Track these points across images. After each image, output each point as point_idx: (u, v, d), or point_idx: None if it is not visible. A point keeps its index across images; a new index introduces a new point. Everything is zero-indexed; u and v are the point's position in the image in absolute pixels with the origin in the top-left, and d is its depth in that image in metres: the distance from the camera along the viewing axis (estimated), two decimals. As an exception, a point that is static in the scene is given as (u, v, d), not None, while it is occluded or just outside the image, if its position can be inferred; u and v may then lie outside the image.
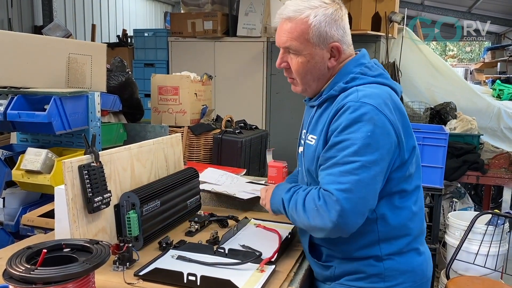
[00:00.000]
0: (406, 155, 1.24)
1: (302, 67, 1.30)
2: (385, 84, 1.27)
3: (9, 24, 5.77)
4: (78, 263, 1.04)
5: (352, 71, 1.29)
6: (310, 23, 1.25)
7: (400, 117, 1.23)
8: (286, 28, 1.28)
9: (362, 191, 1.15)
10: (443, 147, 2.85)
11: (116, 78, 2.92)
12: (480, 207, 4.30)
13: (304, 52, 1.27)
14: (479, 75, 10.23)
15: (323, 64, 1.30)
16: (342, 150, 1.17)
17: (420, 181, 1.35)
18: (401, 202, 1.28)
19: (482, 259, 2.60)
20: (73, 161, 1.32)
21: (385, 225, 1.26)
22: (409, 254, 1.31)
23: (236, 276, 1.26)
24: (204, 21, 4.87)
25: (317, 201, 1.19)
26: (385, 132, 1.17)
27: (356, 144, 1.15)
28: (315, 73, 1.31)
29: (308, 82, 1.33)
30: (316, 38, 1.26)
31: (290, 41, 1.28)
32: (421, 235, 1.36)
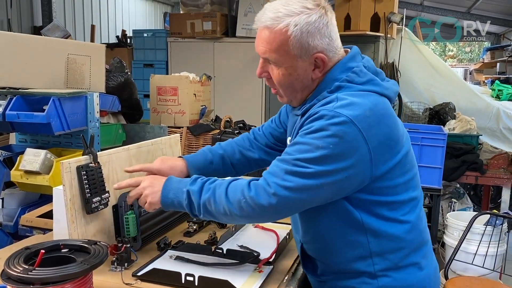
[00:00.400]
0: (384, 168, 1.13)
1: (283, 79, 1.19)
2: (373, 91, 1.16)
3: (8, 24, 5.77)
4: (76, 264, 1.04)
5: (338, 78, 1.17)
6: (289, 34, 1.12)
7: (386, 128, 1.13)
8: (264, 37, 1.16)
9: (304, 194, 1.10)
10: (442, 148, 2.86)
11: (115, 79, 2.92)
12: (479, 207, 4.30)
13: (285, 64, 1.17)
14: (478, 75, 10.24)
15: (307, 76, 1.18)
16: (299, 152, 1.10)
17: (416, 192, 1.23)
18: (392, 214, 1.18)
19: (481, 259, 2.60)
20: (71, 161, 1.32)
21: (376, 237, 1.17)
22: (408, 269, 1.20)
23: (234, 277, 1.26)
24: (203, 22, 4.87)
25: (246, 192, 1.13)
26: (353, 147, 1.07)
27: (314, 152, 1.07)
28: (298, 86, 1.20)
29: (292, 94, 1.23)
30: (297, 50, 1.14)
31: (269, 53, 1.17)
32: (421, 247, 1.24)
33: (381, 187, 1.15)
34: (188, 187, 1.22)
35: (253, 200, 1.12)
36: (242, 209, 1.14)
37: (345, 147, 1.07)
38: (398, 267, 1.20)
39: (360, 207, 1.16)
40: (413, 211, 1.21)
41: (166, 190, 1.25)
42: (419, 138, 2.87)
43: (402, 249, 1.19)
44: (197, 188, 1.20)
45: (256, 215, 1.14)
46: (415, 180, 1.23)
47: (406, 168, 1.19)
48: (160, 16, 9.70)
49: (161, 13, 9.59)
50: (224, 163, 1.50)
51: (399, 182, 1.17)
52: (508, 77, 8.14)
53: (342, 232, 1.19)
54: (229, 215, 1.16)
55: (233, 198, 1.15)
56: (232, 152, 1.52)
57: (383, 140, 1.11)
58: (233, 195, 1.15)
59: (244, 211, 1.13)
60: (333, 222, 1.19)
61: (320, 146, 1.07)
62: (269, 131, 1.54)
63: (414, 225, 1.21)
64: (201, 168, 1.46)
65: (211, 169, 1.48)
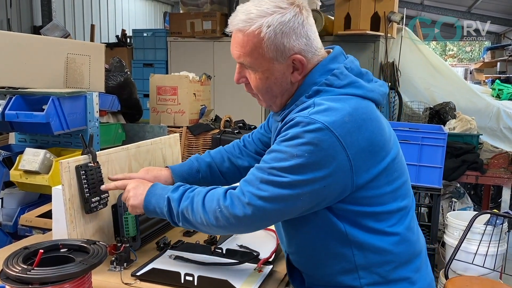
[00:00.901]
0: (367, 176, 1.06)
1: (261, 84, 1.14)
2: (355, 94, 1.09)
3: (8, 24, 5.77)
4: (75, 263, 1.04)
5: (317, 81, 1.11)
6: (263, 36, 1.07)
7: (368, 133, 1.06)
8: (237, 41, 1.11)
9: (280, 204, 1.05)
10: (442, 147, 2.85)
11: (114, 78, 2.91)
12: (479, 207, 4.30)
13: (261, 68, 1.11)
14: (478, 75, 10.24)
15: (285, 79, 1.13)
16: (274, 160, 1.05)
17: (406, 201, 1.16)
18: (378, 225, 1.10)
19: (481, 259, 2.60)
20: (70, 161, 1.32)
21: (361, 250, 1.11)
22: (398, 284, 1.13)
23: (233, 276, 1.26)
24: (203, 21, 4.87)
25: (222, 202, 1.09)
26: (330, 154, 1.01)
27: (289, 161, 1.02)
28: (276, 90, 1.14)
29: (271, 99, 1.17)
30: (273, 53, 1.08)
31: (243, 57, 1.11)
32: (413, 260, 1.16)
33: (365, 197, 1.08)
34: (169, 194, 1.18)
35: (228, 210, 1.08)
36: (218, 219, 1.09)
37: (322, 155, 1.01)
38: (386, 281, 1.12)
39: (344, 218, 1.10)
40: (401, 222, 1.14)
41: (149, 196, 1.22)
42: (419, 137, 2.86)
43: (390, 263, 1.12)
44: (178, 196, 1.17)
45: (232, 225, 1.09)
46: (404, 188, 1.16)
47: (394, 175, 1.12)
48: (160, 15, 9.70)
49: (161, 13, 9.59)
50: (212, 172, 1.47)
51: (385, 191, 1.10)
52: (508, 77, 8.13)
53: (326, 244, 1.13)
54: (205, 225, 1.12)
55: (209, 207, 1.11)
56: (221, 160, 1.49)
57: (365, 146, 1.05)
58: (210, 205, 1.11)
59: (220, 221, 1.09)
60: (316, 233, 1.13)
61: (295, 154, 1.02)
62: (258, 137, 1.50)
63: (403, 237, 1.13)
64: (186, 177, 1.44)
65: (198, 178, 1.45)
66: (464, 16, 10.93)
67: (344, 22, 4.30)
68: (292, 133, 1.04)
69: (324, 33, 4.34)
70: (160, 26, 9.47)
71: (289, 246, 1.24)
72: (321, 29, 4.21)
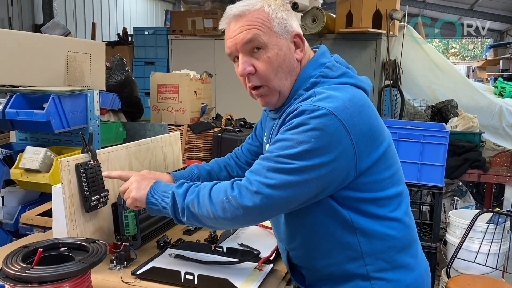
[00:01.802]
0: (369, 161, 1.11)
1: (272, 62, 1.15)
2: (349, 83, 1.15)
3: (9, 22, 5.77)
4: (74, 262, 1.03)
5: (312, 74, 1.16)
6: (267, 11, 1.14)
7: (367, 119, 1.10)
8: (240, 24, 1.14)
9: (288, 190, 1.06)
10: (444, 145, 2.84)
11: (115, 77, 2.91)
12: (481, 205, 4.28)
13: (271, 43, 1.14)
14: (481, 72, 10.20)
15: (292, 56, 1.17)
16: (281, 149, 1.07)
17: (401, 187, 1.21)
18: (380, 211, 1.15)
19: (483, 257, 2.59)
20: (70, 159, 1.31)
21: (366, 237, 1.14)
22: (401, 270, 1.17)
23: (234, 275, 1.25)
24: (204, 19, 4.86)
25: (229, 192, 1.09)
26: (335, 139, 1.04)
27: (296, 147, 1.05)
28: (286, 68, 1.16)
29: (281, 82, 1.17)
30: (278, 27, 1.14)
31: (253, 32, 1.13)
32: (411, 245, 1.21)
33: (366, 183, 1.12)
34: (174, 189, 1.19)
35: (236, 200, 1.08)
36: (225, 210, 1.09)
37: (327, 139, 1.04)
38: (391, 267, 1.16)
39: (347, 206, 1.13)
40: (400, 207, 1.19)
41: (153, 191, 1.21)
42: (421, 135, 2.84)
43: (393, 248, 1.16)
44: (183, 191, 1.17)
45: (239, 217, 1.09)
46: (399, 174, 1.21)
47: (390, 161, 1.17)
48: (161, 13, 9.69)
49: (162, 11, 9.58)
50: (212, 179, 1.48)
51: (384, 177, 1.15)
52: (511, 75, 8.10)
53: (331, 233, 1.15)
54: (212, 217, 1.12)
55: (216, 199, 1.11)
56: (218, 169, 1.53)
57: (365, 131, 1.09)
58: (216, 196, 1.11)
59: (227, 213, 1.09)
60: (322, 223, 1.15)
61: (301, 141, 1.05)
62: (247, 148, 1.55)
63: (403, 222, 1.19)
64: None
65: None
66: (467, 13, 10.89)
67: (345, 20, 4.28)
68: (298, 121, 1.07)
69: (325, 31, 4.33)
70: (161, 24, 9.47)
71: (291, 242, 1.24)
72: (323, 27, 4.20)
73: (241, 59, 1.17)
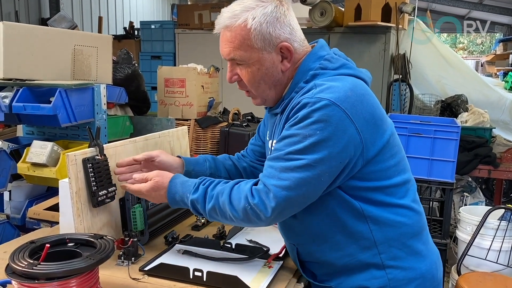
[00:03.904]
0: (375, 149, 1.12)
1: (253, 76, 1.19)
2: (348, 74, 1.16)
3: (16, 16, 5.77)
4: (81, 259, 1.02)
5: (311, 67, 1.18)
6: (249, 27, 1.14)
7: (369, 107, 1.12)
8: (226, 38, 1.18)
9: (303, 188, 1.08)
10: (455, 140, 2.79)
11: (122, 70, 2.89)
12: (491, 201, 4.23)
13: (251, 60, 1.17)
14: (490, 67, 10.08)
15: (276, 68, 1.19)
16: (288, 145, 1.09)
17: (407, 174, 1.22)
18: (389, 199, 1.16)
19: (494, 254, 2.55)
20: (77, 154, 1.29)
21: (378, 225, 1.15)
22: (414, 258, 1.18)
23: (243, 272, 1.23)
24: (211, 13, 4.82)
25: (250, 200, 1.11)
26: (340, 128, 1.06)
27: (303, 142, 1.06)
28: (268, 81, 1.20)
29: (264, 92, 1.22)
30: (261, 42, 1.15)
31: (234, 52, 1.18)
32: (422, 232, 1.23)
33: (373, 171, 1.14)
34: (191, 196, 1.20)
35: (258, 207, 1.10)
36: (248, 215, 1.13)
37: (332, 130, 1.05)
38: (404, 254, 1.17)
39: (356, 196, 1.15)
40: (408, 195, 1.21)
41: (172, 191, 1.24)
42: (431, 131, 2.80)
43: (404, 235, 1.18)
44: (201, 198, 1.19)
45: (262, 220, 1.12)
46: (403, 163, 1.22)
47: (395, 149, 1.19)
48: (168, 7, 9.66)
49: (169, 5, 9.55)
50: (217, 164, 1.50)
51: (390, 165, 1.17)
52: (521, 69, 7.99)
53: (343, 224, 1.16)
54: (235, 221, 1.16)
55: (238, 205, 1.13)
56: (224, 157, 1.55)
57: (369, 119, 1.10)
58: (238, 203, 1.14)
59: (250, 217, 1.13)
60: (333, 215, 1.16)
61: (307, 134, 1.06)
62: (251, 149, 1.56)
63: (412, 209, 1.20)
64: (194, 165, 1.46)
65: (205, 167, 1.47)
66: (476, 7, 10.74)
67: (354, 13, 4.22)
68: (301, 115, 1.08)
69: (334, 24, 4.27)
70: (168, 18, 9.44)
71: (301, 237, 1.23)
72: (331, 20, 4.14)
73: (228, 67, 1.24)
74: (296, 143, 1.07)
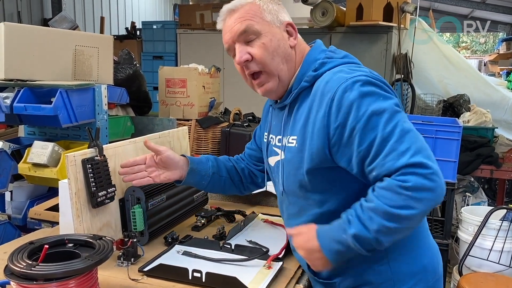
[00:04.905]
0: None
1: (266, 48, 1.17)
2: (354, 63, 1.20)
3: (18, 17, 5.78)
4: (80, 259, 1.02)
5: (317, 57, 1.20)
6: (258, 3, 1.20)
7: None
8: (235, 17, 1.20)
9: (421, 139, 1.04)
10: (457, 140, 2.78)
11: (123, 71, 2.89)
12: (493, 201, 4.22)
13: (264, 31, 1.18)
14: (493, 66, 10.04)
15: (285, 42, 1.20)
16: (376, 127, 1.02)
17: None
18: None
19: (496, 255, 2.54)
20: (76, 154, 1.29)
21: None
22: (416, 251, 1.18)
23: (242, 273, 1.23)
24: (213, 13, 4.82)
25: (403, 190, 0.98)
26: (388, 88, 1.11)
27: (383, 112, 1.03)
28: (281, 53, 1.18)
29: (278, 66, 1.18)
30: (270, 16, 1.19)
31: (246, 23, 1.17)
32: (423, 225, 1.23)
33: None
34: (349, 232, 1.04)
35: (416, 186, 0.98)
36: (413, 205, 0.99)
37: (385, 88, 1.09)
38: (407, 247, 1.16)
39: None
40: None
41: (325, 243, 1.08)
42: (433, 130, 2.79)
43: None
44: (359, 226, 1.04)
45: (433, 190, 0.99)
46: None
47: None
48: (170, 7, 9.66)
49: (171, 5, 9.55)
50: (219, 163, 1.50)
51: None
52: (524, 69, 7.95)
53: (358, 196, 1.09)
54: (413, 219, 1.02)
55: (400, 203, 0.99)
56: (224, 158, 1.55)
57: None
58: (394, 203, 1.00)
59: (419, 204, 0.99)
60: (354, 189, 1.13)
61: (378, 105, 1.04)
62: (248, 154, 1.55)
63: None
64: (197, 164, 1.44)
65: (208, 166, 1.46)
66: (479, 7, 10.69)
67: (356, 13, 4.21)
68: (354, 101, 1.05)
69: (335, 24, 4.26)
70: (170, 18, 9.44)
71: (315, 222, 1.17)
72: (333, 20, 4.14)
73: (237, 48, 1.20)
74: (379, 118, 1.03)
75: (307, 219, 1.20)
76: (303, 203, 1.21)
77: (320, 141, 1.10)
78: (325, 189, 1.16)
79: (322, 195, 1.17)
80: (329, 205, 1.16)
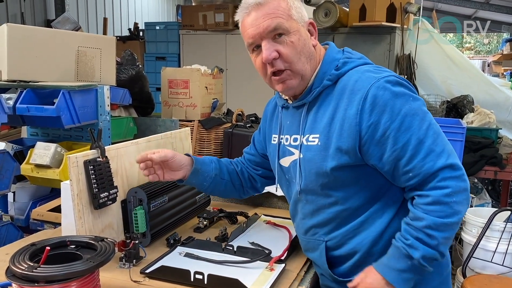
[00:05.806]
0: None
1: (295, 47, 1.16)
2: (371, 63, 1.23)
3: (21, 18, 5.80)
4: (82, 261, 1.01)
5: (336, 57, 1.21)
6: (286, 1, 1.19)
7: None
8: (263, 12, 1.16)
9: (447, 140, 1.12)
10: (460, 141, 2.77)
11: (126, 72, 2.89)
12: (497, 203, 4.19)
13: (293, 29, 1.17)
14: (497, 67, 9.99)
15: (309, 42, 1.21)
16: (410, 127, 1.07)
17: None
18: None
19: (500, 257, 2.52)
20: (78, 156, 1.29)
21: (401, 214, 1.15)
22: None
23: (244, 275, 1.22)
24: (216, 14, 4.82)
25: (447, 198, 1.05)
26: (414, 88, 1.16)
27: (415, 113, 1.09)
28: (306, 52, 1.19)
29: (304, 65, 1.18)
30: (296, 14, 1.19)
31: (277, 21, 1.15)
32: None
33: None
34: (416, 256, 1.07)
35: (456, 190, 1.06)
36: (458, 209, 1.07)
37: (413, 89, 1.14)
38: None
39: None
40: None
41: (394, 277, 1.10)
42: (436, 131, 2.77)
43: None
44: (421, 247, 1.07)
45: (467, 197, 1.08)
46: None
47: None
48: (173, 8, 9.68)
49: (174, 6, 9.56)
50: (221, 166, 1.48)
51: None
52: (528, 69, 7.91)
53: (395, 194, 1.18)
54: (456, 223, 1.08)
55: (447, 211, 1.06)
56: (226, 161, 1.53)
57: None
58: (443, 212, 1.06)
59: (461, 207, 1.07)
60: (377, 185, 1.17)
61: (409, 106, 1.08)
62: (247, 158, 1.54)
63: None
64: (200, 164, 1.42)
65: (211, 167, 1.44)
66: (483, 7, 10.65)
67: (359, 14, 4.21)
68: (389, 100, 1.08)
69: (338, 25, 4.26)
70: (172, 19, 9.46)
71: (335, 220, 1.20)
72: (336, 21, 4.13)
73: (265, 45, 1.16)
74: (413, 119, 1.08)
75: (325, 217, 1.22)
76: (323, 201, 1.21)
77: (350, 138, 1.12)
78: (350, 186, 1.17)
79: (345, 192, 1.18)
80: (352, 202, 1.18)
